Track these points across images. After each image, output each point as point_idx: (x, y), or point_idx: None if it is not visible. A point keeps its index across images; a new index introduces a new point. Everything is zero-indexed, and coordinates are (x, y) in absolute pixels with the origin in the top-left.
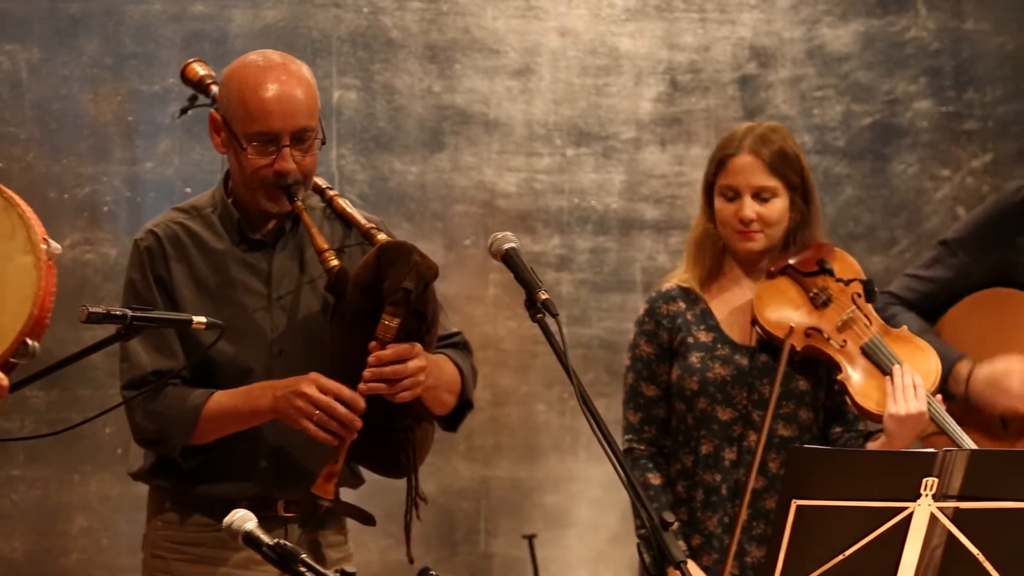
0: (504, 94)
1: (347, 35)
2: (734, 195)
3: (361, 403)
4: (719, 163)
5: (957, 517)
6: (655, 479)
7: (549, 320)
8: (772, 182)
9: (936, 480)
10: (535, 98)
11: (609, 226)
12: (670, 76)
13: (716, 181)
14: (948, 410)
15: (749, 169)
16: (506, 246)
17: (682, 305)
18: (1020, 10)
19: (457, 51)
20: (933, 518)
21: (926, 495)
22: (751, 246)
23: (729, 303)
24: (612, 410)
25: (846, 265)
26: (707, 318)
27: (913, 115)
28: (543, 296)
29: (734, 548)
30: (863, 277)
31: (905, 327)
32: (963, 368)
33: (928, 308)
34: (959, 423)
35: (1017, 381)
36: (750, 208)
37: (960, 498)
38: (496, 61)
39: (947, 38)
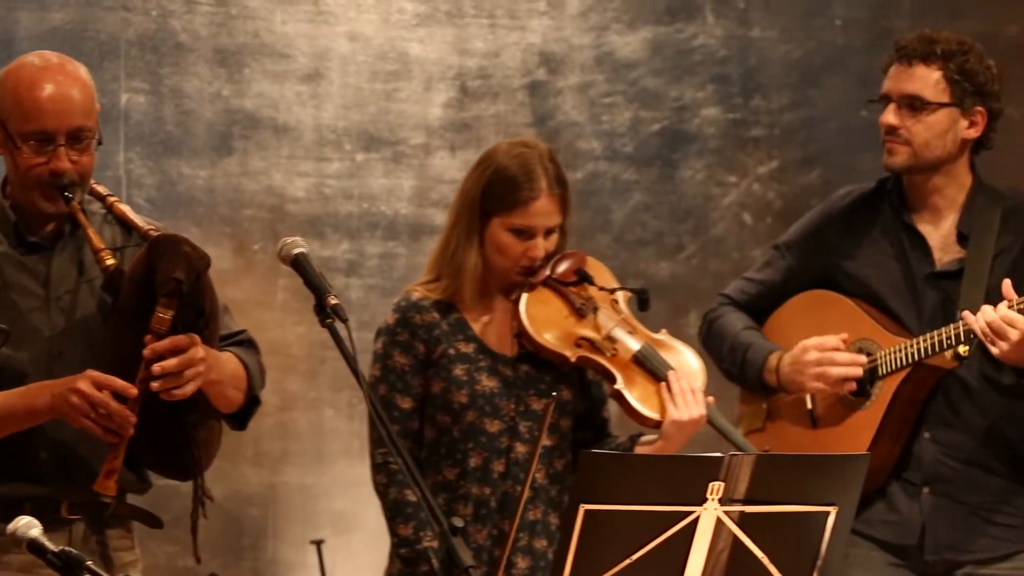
0: (294, 99)
1: (135, 38)
2: (527, 235)
3: (133, 391)
4: (516, 203)
5: (743, 521)
6: (413, 495)
7: (339, 325)
8: (561, 218)
9: (723, 484)
10: (325, 103)
11: (399, 231)
12: (460, 82)
13: (499, 216)
14: (770, 403)
15: (548, 212)
16: (295, 251)
17: (436, 316)
18: (805, 19)
19: (246, 55)
20: (719, 522)
21: (712, 499)
22: (531, 280)
23: (485, 314)
24: None
25: (600, 273)
26: (464, 329)
27: (701, 122)
28: (333, 301)
29: (505, 559)
30: (616, 285)
31: (664, 331)
32: (773, 359)
33: (759, 310)
34: (773, 420)
35: (813, 355)
36: (543, 248)
37: (746, 502)
38: (286, 66)
39: (734, 46)
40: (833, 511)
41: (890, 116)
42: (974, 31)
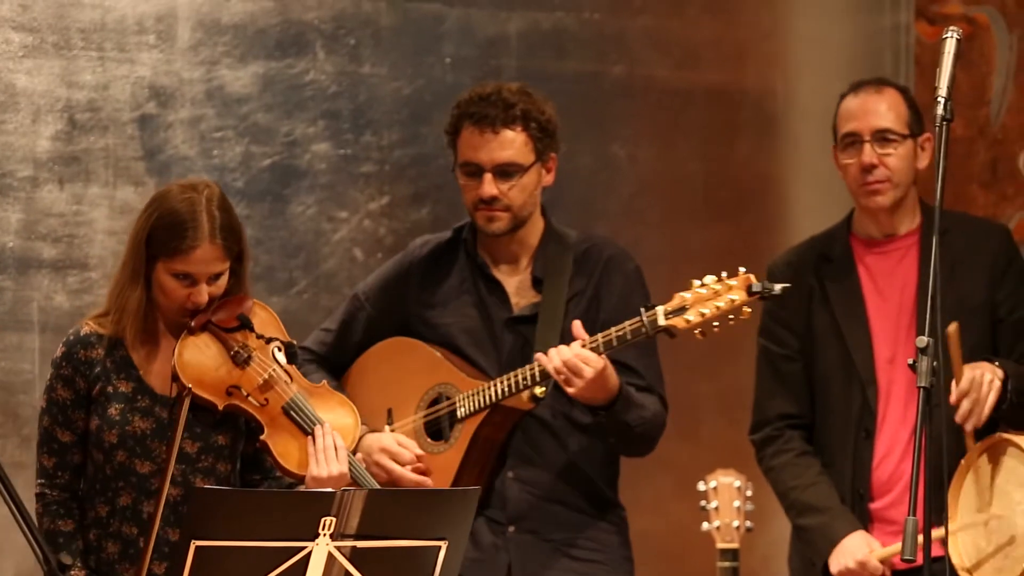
0: None
1: None
2: (190, 281)
3: None
4: (177, 250)
5: (354, 556)
6: (65, 526)
7: None
8: (226, 264)
9: (334, 519)
10: None
11: (6, 265)
12: (68, 114)
13: (163, 260)
14: None
15: (209, 259)
16: None
17: (101, 352)
18: (414, 56)
19: None
20: (331, 557)
21: (324, 534)
22: (191, 323)
23: (152, 353)
24: (7, 452)
25: (266, 319)
26: (128, 367)
27: (312, 157)
28: None
29: None
30: (283, 333)
31: (324, 382)
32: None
33: (342, 361)
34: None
35: (384, 460)
36: (207, 293)
37: (357, 537)
38: None
39: (345, 82)
40: (443, 545)
41: (491, 188)
42: (580, 71)
